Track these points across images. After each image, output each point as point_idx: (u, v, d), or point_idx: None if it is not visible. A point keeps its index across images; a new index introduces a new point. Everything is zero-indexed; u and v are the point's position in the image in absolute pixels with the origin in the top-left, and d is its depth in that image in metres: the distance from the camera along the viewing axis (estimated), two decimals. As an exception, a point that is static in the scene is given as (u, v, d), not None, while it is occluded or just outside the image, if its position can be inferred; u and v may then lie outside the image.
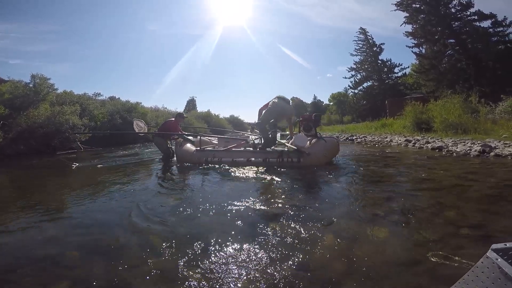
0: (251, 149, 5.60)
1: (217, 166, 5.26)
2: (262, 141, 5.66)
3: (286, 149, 5.19)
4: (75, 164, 6.62)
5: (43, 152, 9.96)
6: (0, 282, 1.55)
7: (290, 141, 5.35)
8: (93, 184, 4.30)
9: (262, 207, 2.63)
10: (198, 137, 6.22)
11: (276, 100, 5.50)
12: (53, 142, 10.55)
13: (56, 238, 2.12)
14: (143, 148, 11.97)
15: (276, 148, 5.47)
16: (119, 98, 21.41)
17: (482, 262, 0.86)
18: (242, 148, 5.73)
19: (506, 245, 0.86)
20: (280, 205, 2.70)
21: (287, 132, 7.41)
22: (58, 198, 3.52)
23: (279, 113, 5.48)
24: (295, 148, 5.05)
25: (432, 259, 1.60)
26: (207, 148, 5.96)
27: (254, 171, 4.74)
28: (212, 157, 5.42)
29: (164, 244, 1.91)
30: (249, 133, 8.71)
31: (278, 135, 7.67)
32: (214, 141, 6.84)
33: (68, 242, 2.02)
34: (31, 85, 11.53)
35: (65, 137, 10.93)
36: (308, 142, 5.22)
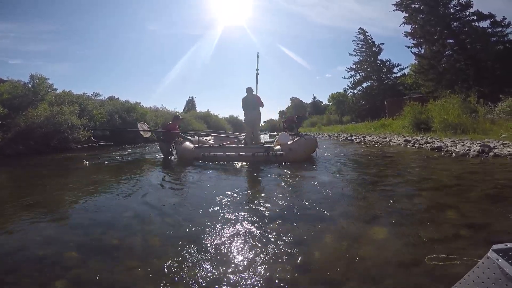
0: (242, 145, 6.36)
1: (215, 163, 5.78)
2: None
3: (272, 146, 5.94)
4: (86, 162, 6.81)
5: (42, 152, 9.93)
6: (-1, 282, 1.54)
7: (276, 139, 6.09)
8: (93, 183, 4.29)
9: (261, 207, 2.63)
10: (196, 136, 7.15)
11: (245, 112, 6.48)
12: (52, 142, 10.53)
13: (55, 238, 2.11)
14: (144, 147, 11.96)
15: (263, 145, 6.20)
16: (118, 98, 21.39)
17: (482, 263, 0.86)
18: (234, 145, 6.49)
19: (507, 245, 0.86)
20: (279, 205, 2.69)
21: (275, 133, 8.35)
22: (58, 198, 3.51)
23: (253, 123, 6.48)
24: (280, 144, 5.83)
25: (432, 259, 1.60)
26: (204, 145, 6.69)
27: (252, 171, 4.78)
28: (208, 152, 6.16)
29: (163, 244, 1.91)
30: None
31: (267, 136, 8.81)
32: (210, 141, 7.56)
33: (67, 242, 2.01)
34: (30, 85, 11.51)
35: (64, 137, 10.91)
36: (292, 140, 5.98)
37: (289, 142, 5.83)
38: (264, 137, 8.57)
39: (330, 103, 47.50)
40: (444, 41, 18.81)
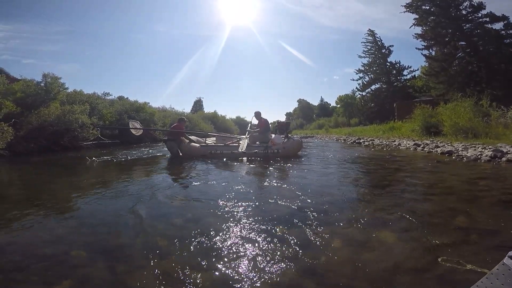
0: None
1: (220, 162, 6.28)
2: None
3: (269, 145, 7.01)
4: (95, 160, 6.92)
5: (52, 150, 10.12)
6: (7, 280, 1.56)
7: (271, 140, 7.27)
8: (102, 182, 4.35)
9: (268, 210, 2.62)
10: (197, 137, 8.18)
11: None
12: (63, 141, 10.73)
13: (63, 237, 2.13)
14: (152, 146, 12.07)
15: (263, 144, 7.23)
16: (127, 98, 21.72)
17: (497, 269, 0.83)
18: (236, 144, 7.46)
19: (523, 252, 0.83)
20: (286, 208, 2.68)
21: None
22: (66, 196, 3.57)
23: (264, 136, 7.64)
24: (275, 144, 7.01)
25: (442, 265, 1.57)
26: (210, 144, 7.54)
27: (256, 171, 4.83)
28: (215, 150, 7.03)
29: (169, 245, 1.91)
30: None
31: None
32: (208, 141, 8.24)
33: (74, 242, 2.03)
34: (42, 84, 11.76)
35: (74, 136, 11.11)
36: (283, 140, 7.27)
37: (282, 142, 7.16)
38: None
39: (338, 105, 47.14)
40: (456, 43, 18.44)
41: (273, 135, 7.66)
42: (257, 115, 8.04)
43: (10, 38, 68.61)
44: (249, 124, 8.27)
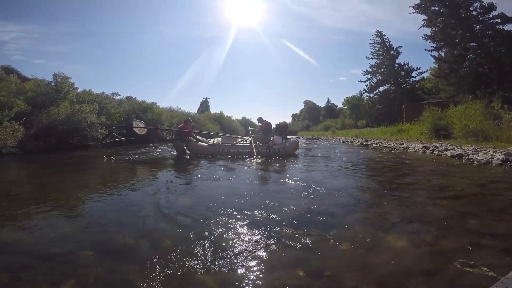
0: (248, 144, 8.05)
1: (227, 161, 6.72)
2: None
3: (270, 145, 7.81)
4: (112, 158, 7.02)
5: (62, 149, 10.28)
6: (14, 279, 1.57)
7: (271, 140, 8.01)
8: (110, 182, 4.39)
9: (275, 211, 2.60)
10: (208, 138, 8.91)
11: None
12: (72, 139, 10.89)
13: (70, 236, 2.14)
14: (159, 146, 12.17)
15: (264, 144, 7.99)
16: (135, 98, 21.97)
17: (513, 274, 0.81)
18: (242, 144, 8.30)
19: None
20: (293, 209, 2.66)
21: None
22: (74, 195, 3.60)
23: (265, 136, 8.40)
24: (275, 144, 7.81)
25: (453, 269, 1.53)
26: (217, 144, 8.13)
27: (263, 172, 4.85)
28: (222, 149, 7.76)
29: (175, 246, 1.90)
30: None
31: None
32: (210, 141, 8.78)
33: (81, 241, 2.04)
34: (52, 84, 11.98)
35: (83, 135, 11.28)
36: (282, 141, 8.01)
37: (281, 143, 7.91)
38: None
39: (345, 107, 46.80)
40: (466, 44, 18.12)
41: (275, 136, 8.38)
42: (259, 119, 9.31)
43: (21, 38, 70.31)
44: (250, 127, 9.52)
